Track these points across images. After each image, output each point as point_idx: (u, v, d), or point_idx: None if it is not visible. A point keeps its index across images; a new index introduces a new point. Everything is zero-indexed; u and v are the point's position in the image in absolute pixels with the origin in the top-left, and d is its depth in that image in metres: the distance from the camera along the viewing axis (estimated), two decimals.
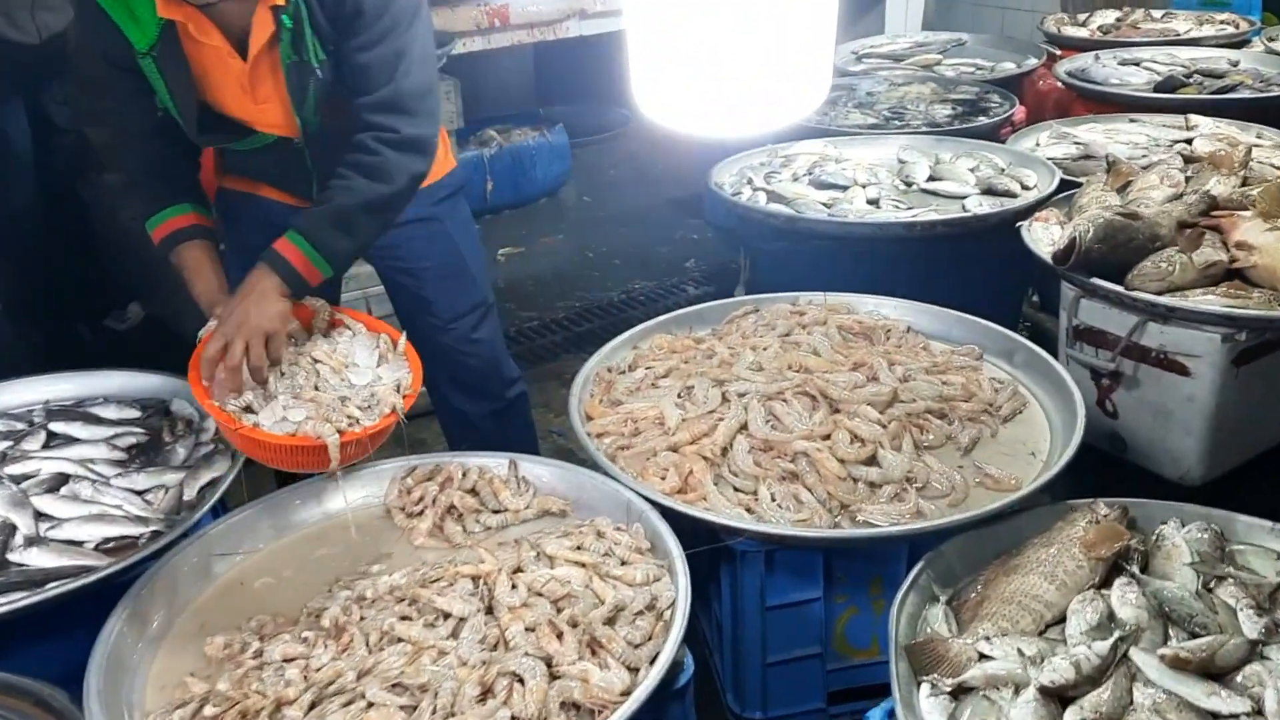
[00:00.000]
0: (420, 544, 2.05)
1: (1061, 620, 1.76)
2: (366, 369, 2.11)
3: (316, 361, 2.09)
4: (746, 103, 1.07)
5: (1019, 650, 1.67)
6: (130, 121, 2.14)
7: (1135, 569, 1.83)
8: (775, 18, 1.00)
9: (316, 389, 2.03)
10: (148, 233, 2.22)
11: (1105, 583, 1.82)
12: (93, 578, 1.89)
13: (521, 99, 6.09)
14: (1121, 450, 2.75)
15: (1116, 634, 1.66)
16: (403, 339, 2.19)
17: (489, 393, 2.68)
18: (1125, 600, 1.75)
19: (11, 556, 1.96)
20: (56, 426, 2.31)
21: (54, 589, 1.87)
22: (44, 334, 4.18)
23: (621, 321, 4.34)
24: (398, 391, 2.07)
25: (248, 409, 1.99)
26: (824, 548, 2.05)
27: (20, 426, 2.34)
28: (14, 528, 2.00)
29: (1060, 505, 2.03)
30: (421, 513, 2.11)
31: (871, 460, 2.17)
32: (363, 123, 2.07)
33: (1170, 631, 1.71)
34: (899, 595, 1.81)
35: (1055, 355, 2.69)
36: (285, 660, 1.72)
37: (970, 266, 3.30)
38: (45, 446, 2.26)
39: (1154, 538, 1.92)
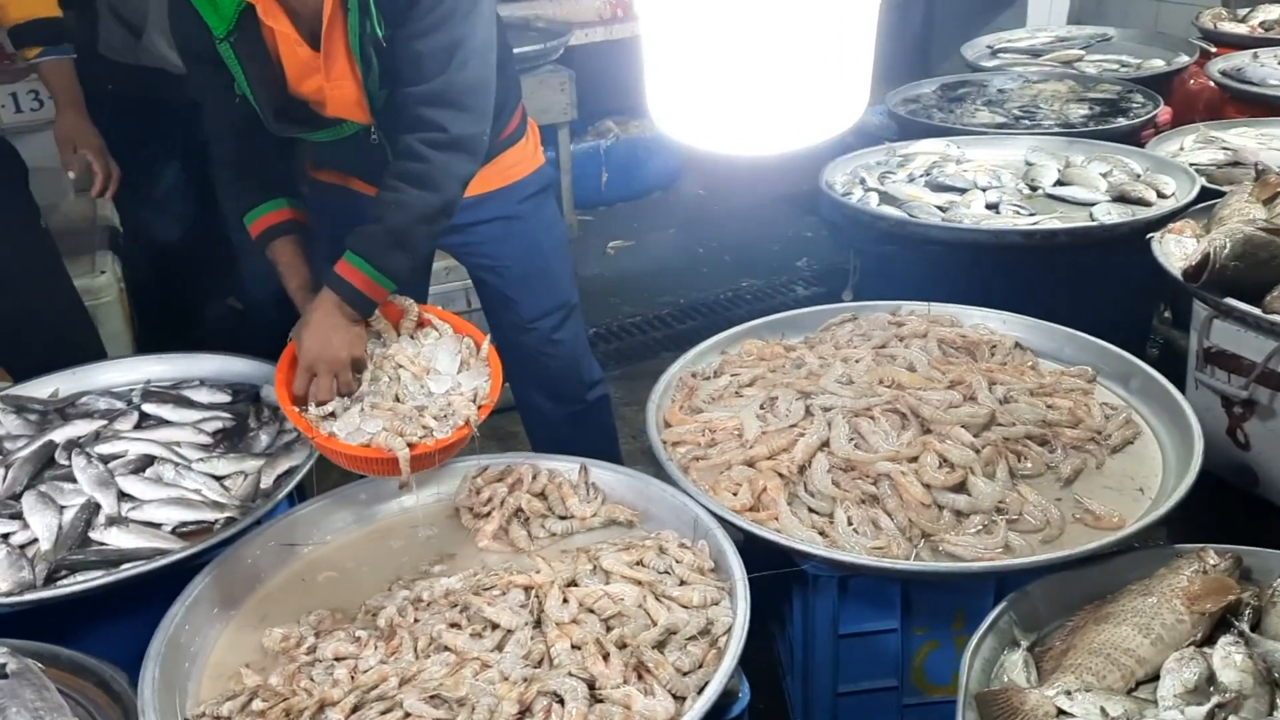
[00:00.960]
0: (484, 546, 2.03)
1: (1154, 679, 1.60)
2: (447, 375, 2.07)
3: (399, 367, 2.07)
4: (770, 119, 0.97)
5: (1102, 709, 1.53)
6: (219, 113, 2.16)
7: (1244, 626, 1.66)
8: (806, 26, 0.90)
9: (397, 398, 2.01)
10: (245, 226, 2.24)
11: (1208, 640, 1.65)
12: (164, 561, 1.93)
13: (639, 91, 6.02)
14: (1252, 485, 2.53)
15: (1215, 699, 1.51)
16: (486, 343, 2.13)
17: (567, 395, 2.64)
18: (1229, 661, 1.58)
19: (93, 534, 2.01)
20: (149, 408, 2.38)
21: (128, 570, 1.91)
22: (169, 312, 4.36)
23: (725, 320, 4.24)
24: (474, 401, 2.02)
25: (330, 415, 1.99)
26: (901, 579, 1.93)
27: (119, 405, 2.42)
28: (98, 507, 2.06)
29: (1165, 549, 1.86)
30: (489, 514, 2.09)
31: (960, 487, 2.04)
32: (411, 118, 2.01)
33: (1278, 700, 1.54)
34: (974, 639, 1.68)
35: (1184, 377, 2.49)
36: (336, 659, 1.71)
37: (1094, 280, 3.09)
38: (137, 427, 2.32)
39: (1270, 592, 1.73)
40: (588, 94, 4.78)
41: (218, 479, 2.17)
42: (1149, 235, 2.91)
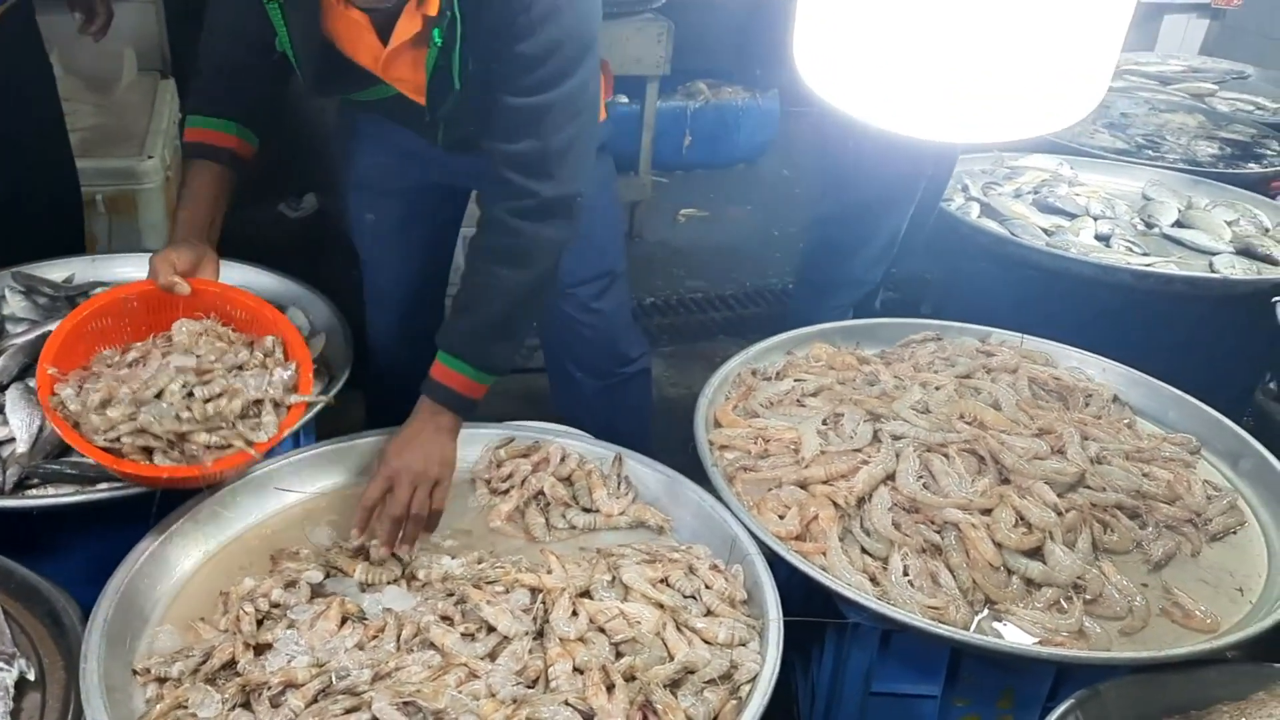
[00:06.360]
0: (495, 527, 1.83)
1: None
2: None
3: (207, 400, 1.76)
4: (977, 98, 0.73)
5: None
6: (230, 19, 1.88)
7: None
8: None
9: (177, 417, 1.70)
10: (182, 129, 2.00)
11: None
12: (143, 488, 1.75)
13: (740, 56, 5.71)
14: None
15: None
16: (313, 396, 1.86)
17: (601, 368, 2.42)
18: None
19: None
20: None
21: (103, 491, 1.74)
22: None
23: (791, 313, 4.01)
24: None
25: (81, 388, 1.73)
26: (954, 647, 1.71)
27: None
28: None
29: (1266, 668, 1.62)
30: (506, 492, 1.89)
31: (1036, 552, 1.79)
32: (496, 176, 1.78)
33: None
34: None
35: None
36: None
37: (1204, 337, 2.82)
38: None
39: None
40: (684, 50, 4.50)
41: None
42: (1275, 299, 2.64)
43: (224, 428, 1.73)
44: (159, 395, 1.73)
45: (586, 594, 1.57)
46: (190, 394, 1.75)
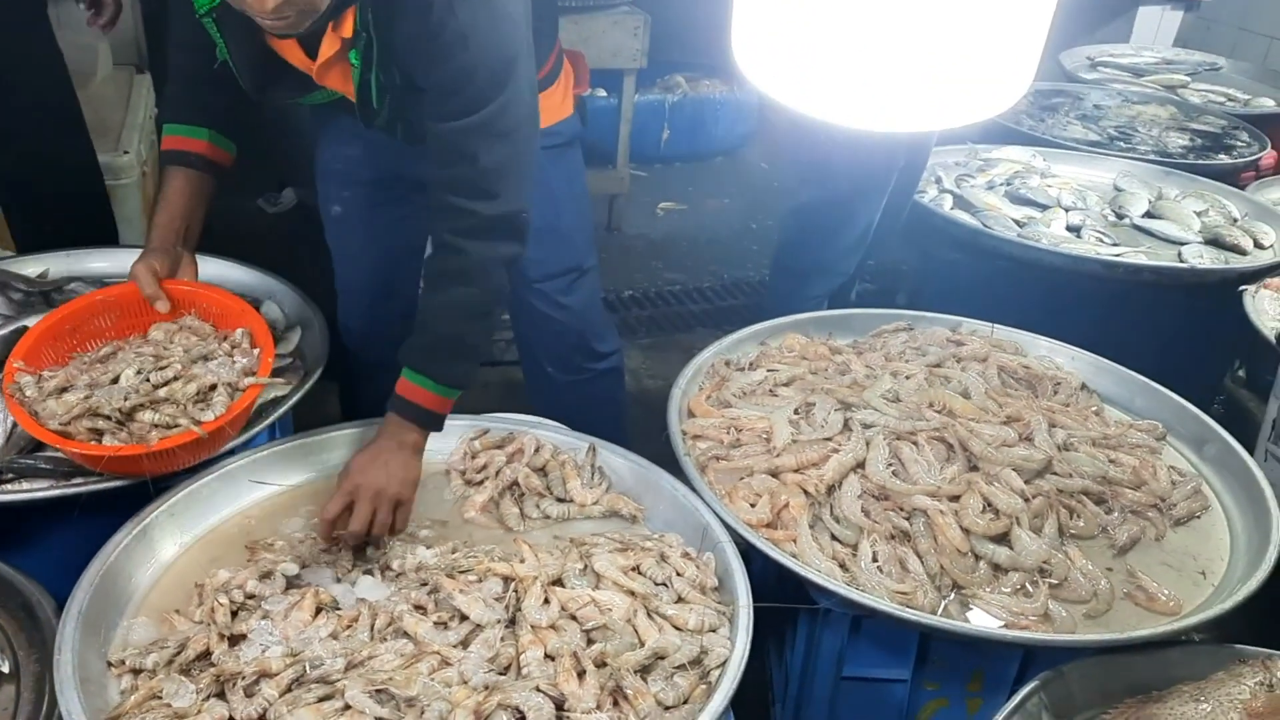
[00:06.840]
0: (470, 518, 1.84)
1: None
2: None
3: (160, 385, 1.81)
4: (904, 89, 0.75)
5: None
6: (186, 27, 1.86)
7: None
8: None
9: (126, 398, 1.75)
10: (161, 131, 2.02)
11: None
12: (119, 482, 1.75)
13: (718, 49, 5.74)
14: None
15: None
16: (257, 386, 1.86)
17: (571, 364, 2.42)
18: None
19: None
20: None
21: (77, 485, 1.75)
22: None
23: (766, 303, 4.03)
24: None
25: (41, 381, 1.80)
26: (922, 631, 1.73)
27: None
28: None
29: (1224, 649, 1.65)
30: (481, 483, 1.90)
31: (1003, 538, 1.82)
32: (439, 202, 1.77)
33: None
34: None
35: (1253, 445, 2.26)
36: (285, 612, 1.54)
37: (1173, 325, 2.86)
38: None
39: None
40: (662, 42, 4.52)
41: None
42: (1242, 287, 2.69)
43: (174, 409, 1.76)
44: (115, 381, 1.78)
45: (559, 582, 1.59)
46: (147, 380, 1.80)
